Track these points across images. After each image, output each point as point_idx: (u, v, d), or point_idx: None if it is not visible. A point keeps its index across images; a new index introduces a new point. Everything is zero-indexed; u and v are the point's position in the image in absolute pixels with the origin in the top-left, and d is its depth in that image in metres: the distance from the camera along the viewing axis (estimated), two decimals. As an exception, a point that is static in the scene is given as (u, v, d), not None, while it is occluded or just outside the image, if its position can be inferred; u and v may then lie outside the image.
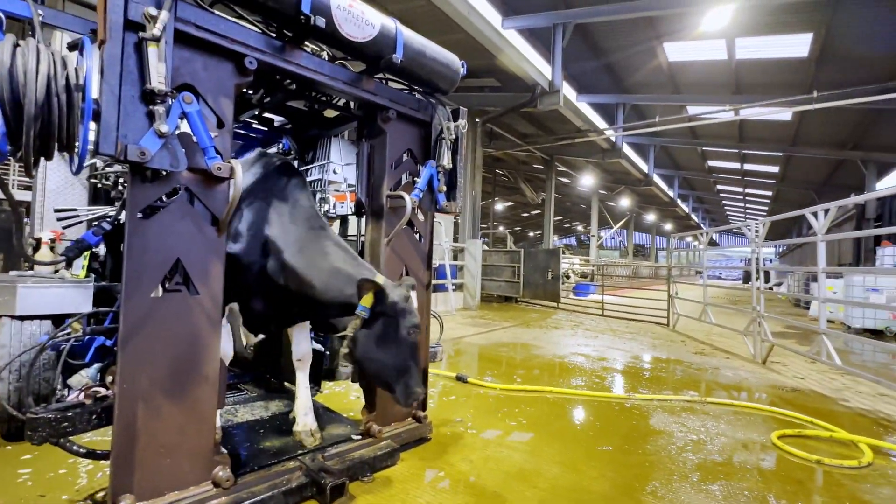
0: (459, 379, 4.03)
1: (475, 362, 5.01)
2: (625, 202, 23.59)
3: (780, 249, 29.45)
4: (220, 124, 1.84)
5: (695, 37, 9.05)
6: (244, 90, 2.64)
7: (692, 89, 11.97)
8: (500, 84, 10.04)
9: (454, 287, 9.65)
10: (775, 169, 18.49)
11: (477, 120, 10.74)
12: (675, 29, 9.02)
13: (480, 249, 10.31)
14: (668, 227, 36.61)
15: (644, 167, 17.77)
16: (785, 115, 11.65)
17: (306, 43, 2.24)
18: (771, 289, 22.67)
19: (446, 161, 2.57)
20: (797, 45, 8.93)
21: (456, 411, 3.27)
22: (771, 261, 32.92)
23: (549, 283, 10.45)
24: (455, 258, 10.76)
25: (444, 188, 2.60)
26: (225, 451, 1.90)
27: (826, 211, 4.25)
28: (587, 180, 18.01)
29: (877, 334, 8.32)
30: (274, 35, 2.02)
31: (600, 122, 13.58)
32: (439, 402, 3.46)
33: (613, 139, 13.97)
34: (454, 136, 2.61)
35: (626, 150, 15.64)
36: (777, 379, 4.66)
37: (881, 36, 8.13)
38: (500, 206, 34.14)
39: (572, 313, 9.96)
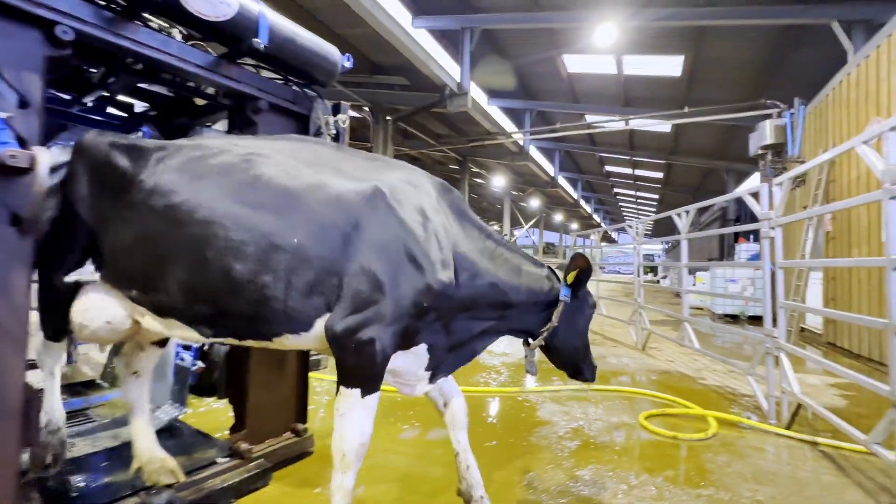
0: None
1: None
2: (535, 203, 24.95)
3: (667, 246, 33.32)
4: (24, 104, 1.53)
5: (589, 51, 9.80)
6: (81, 68, 2.28)
7: (589, 99, 12.98)
8: (410, 83, 9.99)
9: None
10: (660, 175, 20.79)
11: (388, 118, 10.57)
12: (573, 42, 9.68)
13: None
14: (574, 226, 39.50)
15: (550, 170, 18.93)
16: (665, 127, 13.12)
17: (153, 19, 1.98)
18: (658, 281, 25.46)
19: (324, 157, 2.44)
20: (672, 66, 10.07)
21: (348, 419, 3.14)
22: (659, 256, 37.09)
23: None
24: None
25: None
26: (37, 495, 1.59)
27: (687, 212, 4.81)
28: (499, 181, 18.70)
29: (735, 318, 9.70)
30: (103, 3, 1.74)
31: (510, 126, 14.18)
32: (330, 412, 3.31)
33: (521, 143, 14.66)
34: (335, 132, 2.49)
35: (534, 153, 16.53)
36: (652, 363, 5.18)
37: (738, 63, 9.48)
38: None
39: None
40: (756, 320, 9.42)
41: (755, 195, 3.33)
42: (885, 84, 5.34)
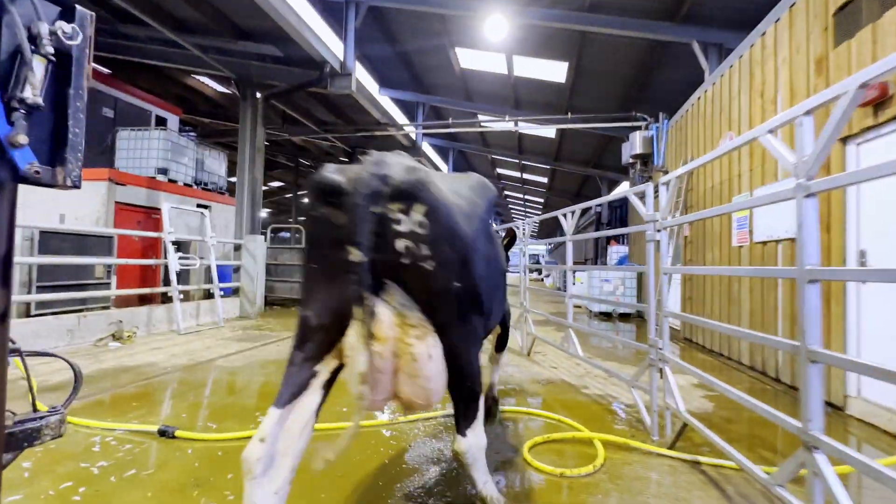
0: (163, 434, 2.83)
1: (213, 398, 3.80)
2: (430, 201, 24.71)
3: (550, 247, 35.88)
4: None
5: (481, 46, 9.57)
6: None
7: (481, 98, 12.92)
8: (284, 55, 8.73)
9: (223, 293, 7.95)
10: (545, 179, 21.99)
11: (258, 94, 9.13)
12: (464, 34, 9.35)
13: (263, 247, 8.81)
14: (468, 226, 40.46)
15: (444, 168, 18.74)
16: (550, 132, 13.66)
17: None
18: (542, 280, 26.95)
19: (32, 91, 1.44)
20: (558, 71, 10.36)
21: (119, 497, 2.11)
22: (543, 256, 39.85)
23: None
24: (235, 258, 9.01)
25: (23, 140, 1.45)
26: None
27: (573, 213, 4.60)
28: (392, 177, 17.92)
29: (608, 316, 10.31)
30: None
31: (401, 118, 13.50)
32: (107, 487, 2.23)
33: (413, 137, 14.10)
34: (52, 50, 1.49)
35: (427, 149, 16.11)
36: (537, 372, 4.91)
37: (614, 74, 10.05)
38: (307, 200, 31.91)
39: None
40: (625, 317, 10.10)
41: (641, 196, 3.09)
42: (737, 101, 5.80)
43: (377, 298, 1.37)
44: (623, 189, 15.35)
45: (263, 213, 35.90)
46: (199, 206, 10.55)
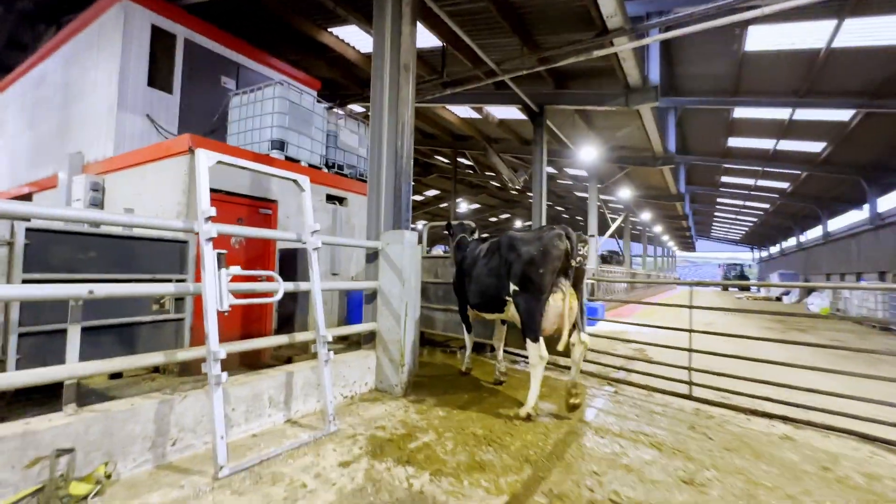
0: None
1: None
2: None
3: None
4: None
5: None
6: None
7: None
8: None
9: (343, 345, 3.94)
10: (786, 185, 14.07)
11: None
12: None
13: (416, 253, 4.61)
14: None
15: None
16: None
17: None
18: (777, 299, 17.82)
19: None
20: None
21: None
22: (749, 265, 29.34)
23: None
24: (362, 273, 5.01)
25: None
26: None
27: None
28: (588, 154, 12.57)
29: None
30: None
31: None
32: None
33: (642, 69, 8.64)
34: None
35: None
36: None
37: None
38: (463, 208, 28.81)
39: (618, 386, 4.52)
40: None
41: None
42: None
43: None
44: None
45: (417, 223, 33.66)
46: (329, 197, 7.15)
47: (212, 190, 5.39)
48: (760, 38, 8.60)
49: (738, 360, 4.22)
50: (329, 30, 8.81)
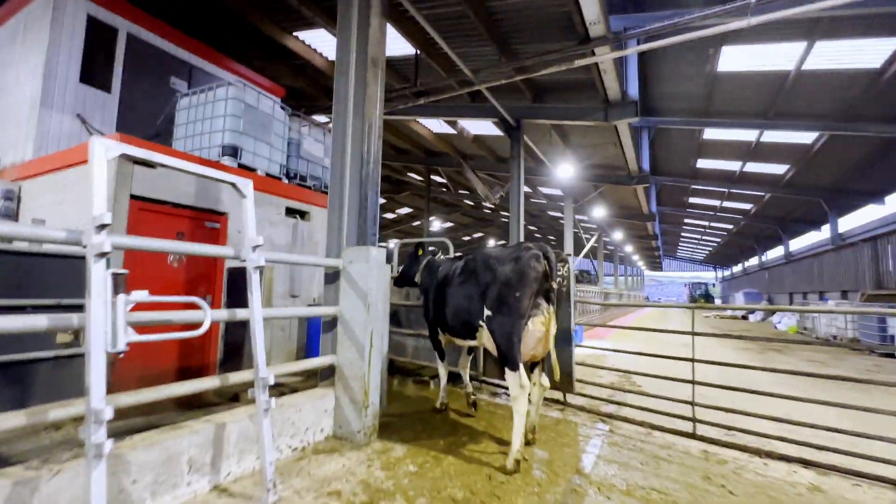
0: None
1: None
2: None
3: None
4: None
5: None
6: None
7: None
8: None
9: (300, 378, 3.24)
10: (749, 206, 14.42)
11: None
12: None
13: (384, 273, 3.98)
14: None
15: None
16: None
17: None
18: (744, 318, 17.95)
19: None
20: None
21: None
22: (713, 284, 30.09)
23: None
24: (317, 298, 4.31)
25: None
26: None
27: None
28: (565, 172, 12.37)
29: None
30: None
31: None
32: None
33: (620, 84, 8.48)
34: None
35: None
36: None
37: None
38: (437, 226, 28.32)
39: (612, 427, 3.98)
40: None
41: None
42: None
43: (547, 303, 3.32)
44: None
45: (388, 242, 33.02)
46: (290, 210, 6.45)
47: (146, 199, 4.65)
48: (734, 59, 8.63)
49: (740, 392, 3.77)
50: (294, 34, 8.25)
